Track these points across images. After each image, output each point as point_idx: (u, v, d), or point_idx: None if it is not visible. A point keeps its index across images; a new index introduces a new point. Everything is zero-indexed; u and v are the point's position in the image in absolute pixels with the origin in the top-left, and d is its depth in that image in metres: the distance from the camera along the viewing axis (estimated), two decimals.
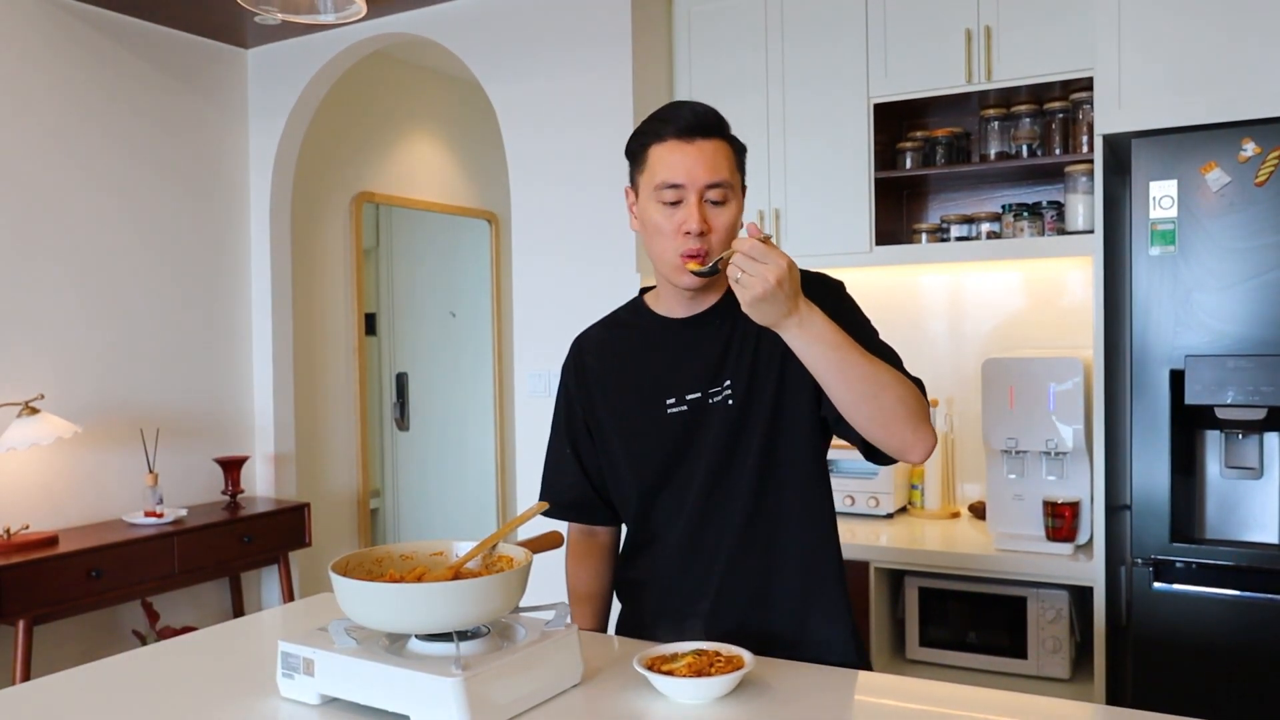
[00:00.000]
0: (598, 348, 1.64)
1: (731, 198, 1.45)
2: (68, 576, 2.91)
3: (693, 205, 1.42)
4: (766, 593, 1.52)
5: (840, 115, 2.83)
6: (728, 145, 1.46)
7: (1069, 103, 2.67)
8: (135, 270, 3.52)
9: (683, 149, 1.43)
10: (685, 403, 1.52)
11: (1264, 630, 2.06)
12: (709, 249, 1.43)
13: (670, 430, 1.53)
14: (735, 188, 1.46)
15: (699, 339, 1.53)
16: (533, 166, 3.23)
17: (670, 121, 1.45)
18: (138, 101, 3.52)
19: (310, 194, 4.21)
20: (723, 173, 1.43)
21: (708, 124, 1.44)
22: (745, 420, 1.49)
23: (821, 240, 2.87)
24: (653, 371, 1.56)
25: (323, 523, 4.15)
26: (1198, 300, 2.11)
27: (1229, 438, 2.21)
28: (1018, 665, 2.46)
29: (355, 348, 4.45)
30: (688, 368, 1.53)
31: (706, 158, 1.42)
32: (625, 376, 1.58)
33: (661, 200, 1.44)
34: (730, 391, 1.49)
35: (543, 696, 1.29)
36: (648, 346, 1.58)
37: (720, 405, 1.50)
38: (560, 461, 1.66)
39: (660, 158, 1.44)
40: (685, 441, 1.52)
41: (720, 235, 1.44)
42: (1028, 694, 1.35)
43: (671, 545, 1.55)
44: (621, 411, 1.58)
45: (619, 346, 1.62)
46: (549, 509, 1.65)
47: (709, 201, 1.43)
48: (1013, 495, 2.54)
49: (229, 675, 1.45)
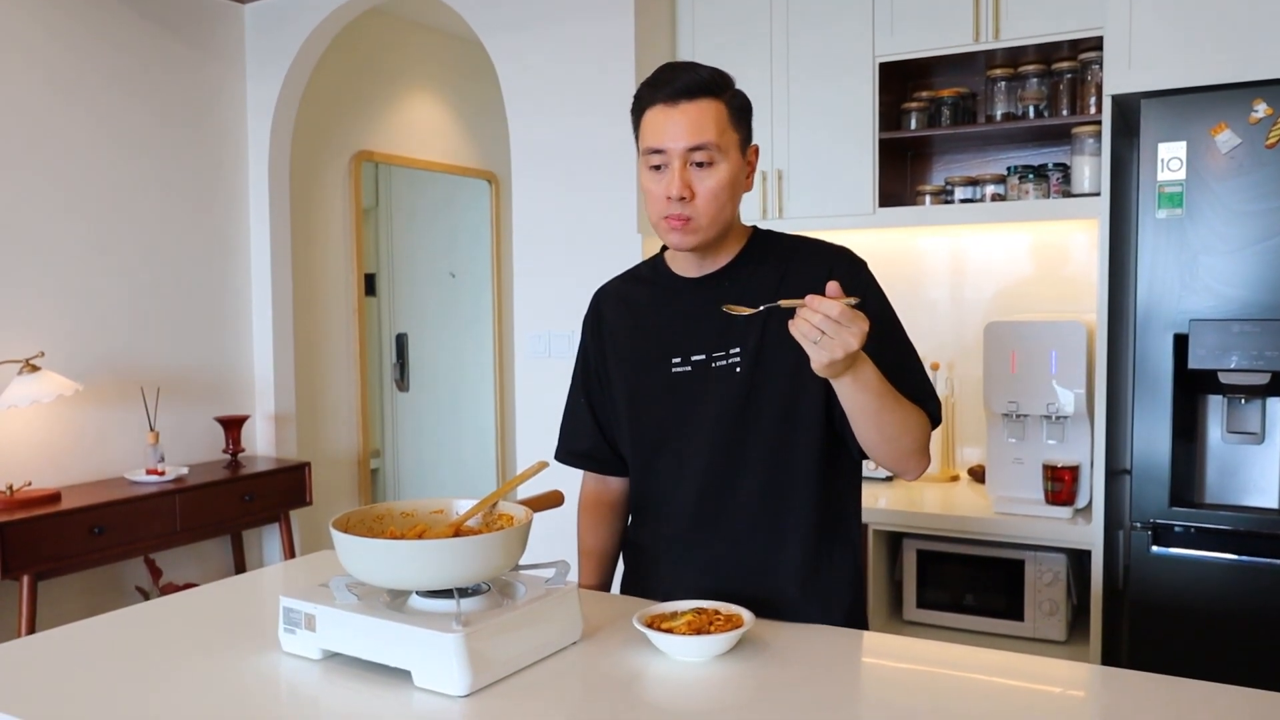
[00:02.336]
0: (614, 301, 1.64)
1: (719, 159, 1.42)
2: (70, 533, 2.92)
3: (675, 170, 1.41)
4: (769, 564, 1.51)
5: (845, 75, 2.80)
6: (720, 105, 1.42)
7: (1077, 63, 2.64)
8: (135, 229, 3.50)
9: (668, 113, 1.41)
10: (690, 363, 1.52)
11: (1262, 594, 2.07)
12: (692, 215, 1.42)
13: (673, 390, 1.53)
14: (725, 148, 1.42)
15: (707, 300, 1.51)
16: (533, 126, 3.20)
17: (660, 86, 1.43)
18: (133, 54, 3.48)
19: (309, 153, 4.17)
20: (707, 134, 1.40)
21: (697, 85, 1.41)
22: (753, 393, 1.48)
23: (824, 201, 2.85)
24: (662, 329, 1.55)
25: (323, 482, 4.17)
26: (1204, 264, 2.10)
27: (1231, 402, 2.20)
28: (1014, 627, 2.47)
29: (355, 308, 4.44)
30: (695, 328, 1.52)
31: (690, 120, 1.40)
32: (637, 332, 1.59)
33: (649, 165, 1.44)
34: (739, 360, 1.48)
35: (542, 653, 1.30)
36: (660, 303, 1.57)
37: (725, 371, 1.49)
38: (576, 411, 1.68)
39: (649, 122, 1.44)
40: (686, 402, 1.52)
41: (705, 199, 1.42)
42: (1024, 654, 1.36)
43: (673, 510, 1.55)
44: (630, 366, 1.58)
45: (634, 302, 1.62)
46: (565, 456, 1.68)
47: (693, 164, 1.41)
48: (1012, 459, 2.54)
49: (231, 630, 1.46)
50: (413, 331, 5.06)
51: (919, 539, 2.57)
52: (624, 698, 1.22)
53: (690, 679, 1.25)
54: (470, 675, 1.18)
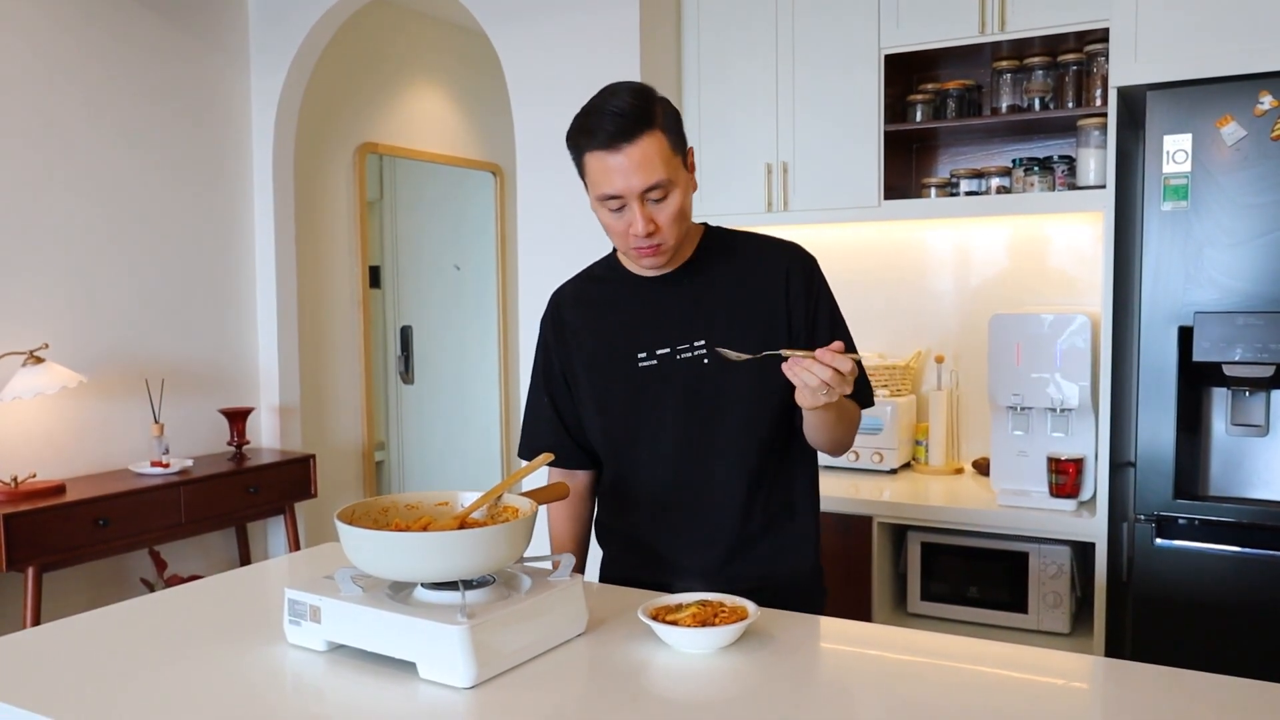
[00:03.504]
0: (574, 301, 1.68)
1: (671, 188, 1.46)
2: (75, 525, 2.93)
3: (635, 211, 1.45)
4: (745, 538, 1.58)
5: (850, 66, 2.79)
6: (657, 134, 1.43)
7: (1083, 55, 2.63)
8: (138, 220, 3.50)
9: (613, 159, 1.43)
10: (655, 357, 1.57)
11: (1266, 587, 2.07)
12: (661, 241, 1.48)
13: (639, 383, 1.57)
14: (674, 176, 1.46)
15: (668, 295, 1.58)
16: (538, 117, 3.19)
17: (594, 133, 1.44)
18: (137, 46, 3.48)
19: (313, 144, 4.17)
20: (657, 173, 1.43)
21: (629, 125, 1.41)
22: (721, 380, 1.54)
23: (829, 194, 2.84)
24: (625, 325, 1.60)
25: (328, 475, 4.18)
26: (1209, 256, 2.09)
27: (1236, 395, 2.20)
28: (1018, 620, 2.47)
29: (360, 300, 4.44)
30: (658, 322, 1.57)
31: (635, 162, 1.42)
32: (600, 330, 1.63)
33: (607, 207, 1.48)
34: (704, 351, 1.54)
35: (547, 645, 1.31)
36: (621, 301, 1.62)
37: (692, 362, 1.55)
38: (538, 409, 1.71)
39: (595, 169, 1.46)
40: (653, 394, 1.57)
41: (669, 226, 1.48)
42: (1028, 646, 1.36)
43: (648, 497, 1.61)
44: (595, 363, 1.62)
45: (594, 300, 1.66)
46: (528, 453, 1.71)
47: (650, 200, 1.45)
48: (1017, 451, 2.54)
49: (236, 622, 1.46)
50: (417, 324, 5.06)
51: (923, 531, 2.57)
52: (629, 689, 1.22)
53: (695, 671, 1.25)
54: (475, 667, 1.18)
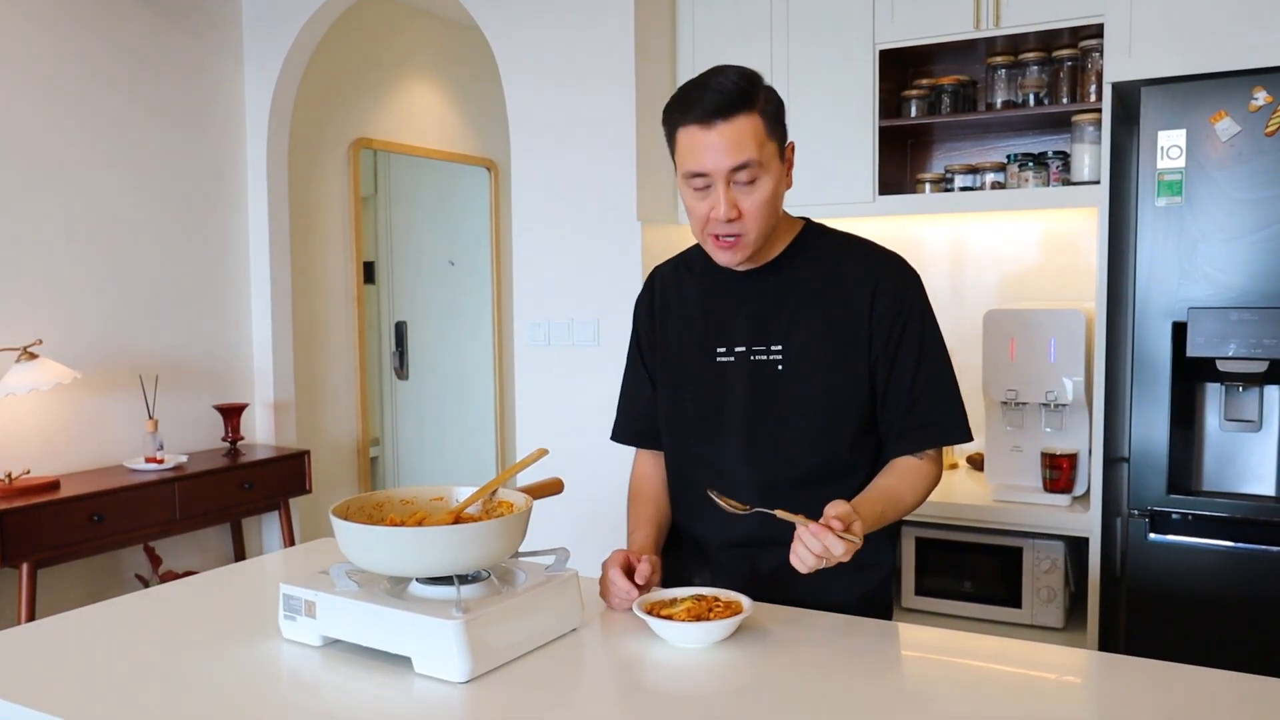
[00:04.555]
0: (666, 285, 1.65)
1: (762, 174, 1.40)
2: (69, 521, 2.92)
3: (720, 193, 1.40)
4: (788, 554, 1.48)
5: (845, 62, 2.79)
6: (755, 117, 1.39)
7: (1078, 50, 2.63)
8: (133, 215, 3.49)
9: (705, 136, 1.38)
10: (733, 354, 1.53)
11: (1258, 581, 2.08)
12: (741, 233, 1.42)
13: (715, 378, 1.54)
14: (766, 163, 1.41)
15: (752, 292, 1.53)
16: (533, 113, 3.19)
17: (692, 106, 1.40)
18: (130, 41, 3.46)
19: (307, 140, 4.16)
20: (748, 152, 1.38)
21: (729, 102, 1.37)
22: (793, 388, 1.49)
23: (824, 190, 2.84)
24: (709, 317, 1.56)
25: (323, 470, 4.17)
26: (1203, 252, 2.10)
27: (1229, 390, 2.20)
28: (1012, 614, 2.48)
29: (354, 296, 4.43)
30: (740, 319, 1.53)
31: (729, 142, 1.37)
32: (685, 317, 1.60)
33: (691, 186, 1.43)
34: (781, 357, 1.49)
35: (542, 640, 1.31)
36: (709, 292, 1.58)
37: (767, 365, 1.50)
38: (638, 389, 1.67)
39: (685, 144, 1.42)
40: (726, 392, 1.53)
41: (753, 216, 1.42)
42: (1021, 640, 1.37)
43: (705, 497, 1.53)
44: (675, 351, 1.59)
45: (684, 286, 1.62)
46: (629, 436, 1.67)
47: (737, 183, 1.40)
48: (1011, 447, 2.54)
49: (231, 617, 1.46)
50: (412, 319, 5.05)
51: (918, 526, 2.58)
52: (624, 684, 1.22)
53: (690, 665, 1.25)
54: (470, 662, 1.18)
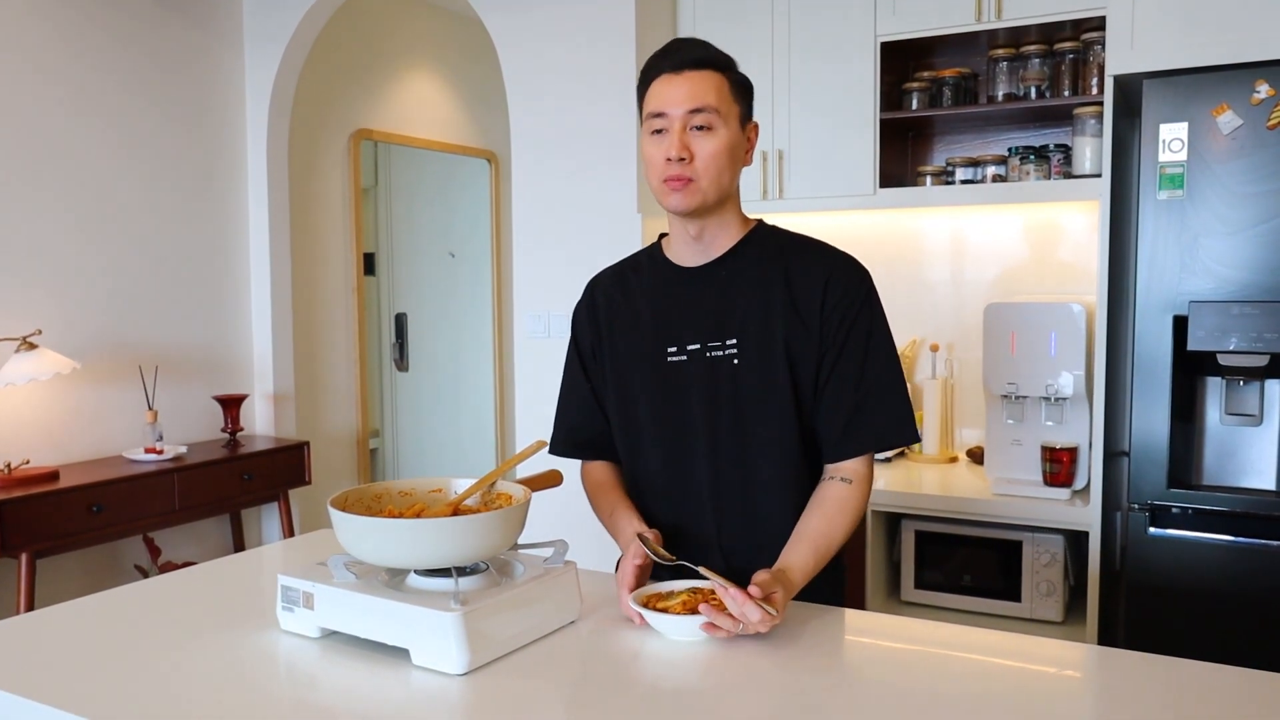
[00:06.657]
0: (608, 290, 1.63)
1: (718, 125, 1.44)
2: (69, 511, 2.92)
3: (674, 132, 1.44)
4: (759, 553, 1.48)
5: (846, 54, 2.78)
6: (722, 77, 1.46)
7: (1079, 43, 2.62)
8: (133, 206, 3.49)
9: (672, 80, 1.45)
10: (686, 352, 1.51)
11: (1258, 575, 2.08)
12: (694, 176, 1.44)
13: (667, 378, 1.52)
14: (725, 115, 1.45)
15: (704, 289, 1.52)
16: (533, 104, 3.18)
17: (668, 55, 1.47)
18: (131, 31, 3.45)
19: (307, 131, 4.15)
20: (707, 98, 1.43)
21: (703, 58, 1.46)
22: (751, 382, 1.47)
23: (825, 182, 2.84)
24: (658, 318, 1.54)
25: (322, 462, 4.17)
26: (1204, 246, 2.09)
27: (1230, 384, 2.20)
28: (1011, 608, 2.48)
29: (354, 287, 4.43)
30: (692, 317, 1.52)
31: (692, 85, 1.43)
32: (632, 320, 1.57)
33: (650, 129, 1.47)
34: (736, 351, 1.48)
35: (540, 632, 1.31)
36: (656, 293, 1.57)
37: (723, 361, 1.49)
38: (579, 400, 1.65)
39: (653, 91, 1.47)
40: (680, 391, 1.51)
41: (704, 162, 1.44)
42: (1021, 634, 1.37)
43: (669, 495, 1.55)
44: (624, 354, 1.57)
45: (629, 290, 1.60)
46: (567, 448, 1.65)
47: (693, 128, 1.44)
48: (1011, 440, 2.54)
49: (229, 608, 1.46)
50: (412, 311, 5.05)
51: (917, 520, 2.58)
52: (621, 676, 1.22)
53: (686, 658, 1.25)
54: (468, 654, 1.18)
